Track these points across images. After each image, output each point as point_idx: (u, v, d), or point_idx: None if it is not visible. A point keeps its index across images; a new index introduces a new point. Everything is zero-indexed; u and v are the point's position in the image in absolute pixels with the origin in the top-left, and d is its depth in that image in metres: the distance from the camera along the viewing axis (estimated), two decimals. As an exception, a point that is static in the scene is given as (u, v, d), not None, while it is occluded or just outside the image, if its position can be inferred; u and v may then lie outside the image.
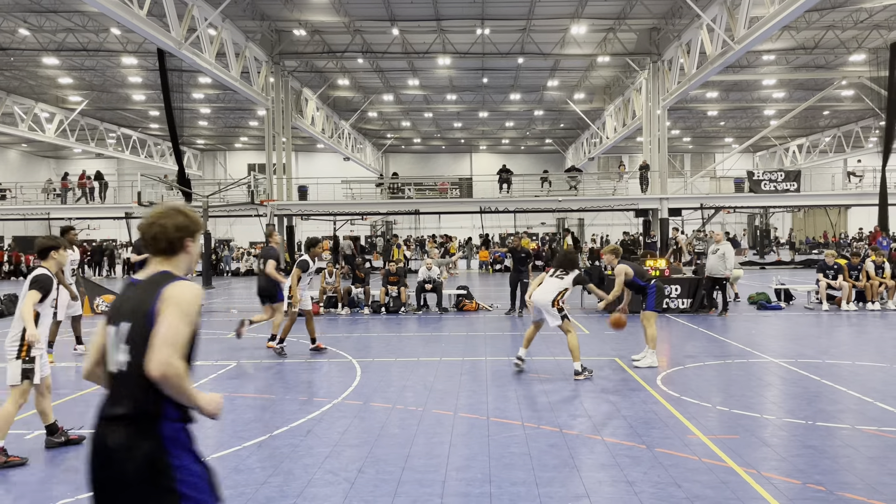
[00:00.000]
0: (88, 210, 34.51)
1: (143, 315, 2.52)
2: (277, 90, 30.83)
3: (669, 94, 28.58)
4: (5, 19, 25.85)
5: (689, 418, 6.59)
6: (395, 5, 25.68)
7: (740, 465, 5.27)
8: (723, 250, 14.53)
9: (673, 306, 14.97)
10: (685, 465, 5.32)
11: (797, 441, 5.91)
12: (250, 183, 30.16)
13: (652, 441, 5.91)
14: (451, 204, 34.07)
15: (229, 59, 25.07)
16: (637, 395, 7.57)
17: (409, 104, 42.09)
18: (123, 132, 44.64)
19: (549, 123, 48.39)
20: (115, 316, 2.62)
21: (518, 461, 5.44)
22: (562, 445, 5.84)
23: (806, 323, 13.73)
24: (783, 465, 5.31)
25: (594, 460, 5.48)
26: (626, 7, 26.13)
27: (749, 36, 19.88)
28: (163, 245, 2.67)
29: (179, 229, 2.68)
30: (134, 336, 2.53)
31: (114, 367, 2.59)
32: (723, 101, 40.74)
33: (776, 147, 50.88)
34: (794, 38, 28.60)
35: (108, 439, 2.50)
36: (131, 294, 2.63)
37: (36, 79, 34.32)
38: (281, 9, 26.16)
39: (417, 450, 5.75)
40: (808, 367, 8.97)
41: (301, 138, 44.81)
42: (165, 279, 2.60)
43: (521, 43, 29.63)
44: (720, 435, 6.08)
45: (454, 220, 43.90)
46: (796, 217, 53.38)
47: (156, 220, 2.68)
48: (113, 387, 2.59)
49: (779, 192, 30.86)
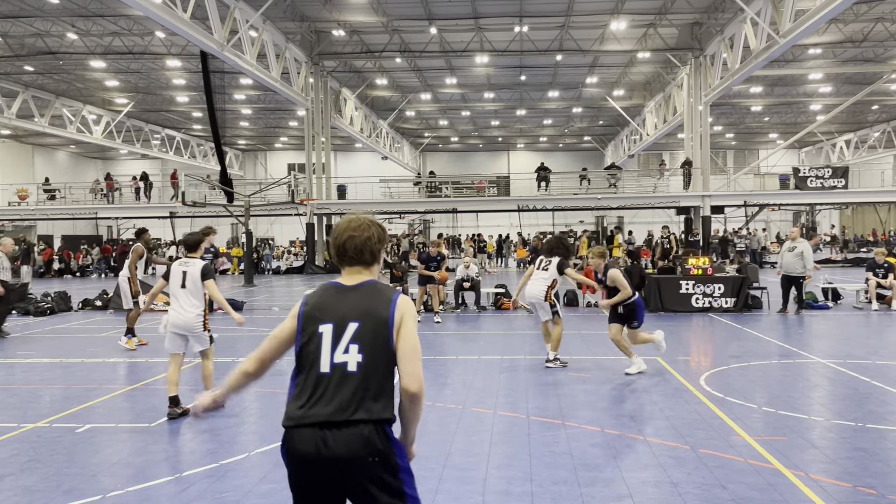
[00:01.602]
0: (134, 209, 35.34)
1: (381, 322, 2.59)
2: (317, 90, 31.15)
3: (712, 89, 28.09)
4: (54, 24, 26.61)
5: (734, 419, 6.47)
6: (433, 4, 25.74)
7: (788, 468, 5.15)
8: (800, 248, 13.97)
9: (716, 305, 14.71)
10: (730, 466, 5.22)
11: (847, 443, 5.76)
12: (290, 182, 30.53)
13: (696, 442, 5.81)
14: (488, 202, 34.03)
15: (270, 60, 25.42)
16: (680, 396, 7.45)
17: (446, 103, 42.14)
18: (167, 133, 45.63)
19: (587, 120, 47.97)
20: (334, 316, 2.62)
21: (559, 460, 5.40)
22: (603, 445, 5.78)
23: (855, 323, 13.37)
24: (832, 467, 5.18)
25: (637, 460, 5.42)
26: (667, 2, 25.76)
27: (795, 29, 19.44)
28: (367, 256, 2.74)
29: (381, 241, 2.79)
30: (366, 338, 2.57)
31: (327, 368, 2.55)
32: (767, 97, 39.89)
33: (823, 143, 49.64)
34: (841, 31, 27.86)
35: (335, 446, 2.46)
36: (352, 299, 2.65)
37: (84, 82, 35.25)
38: (320, 10, 26.42)
39: (458, 447, 5.76)
40: (857, 368, 8.73)
41: (340, 138, 45.24)
42: (386, 288, 2.71)
43: (559, 40, 29.43)
44: (766, 436, 5.96)
45: (491, 219, 43.81)
46: (844, 214, 52.00)
47: (360, 234, 2.73)
48: (328, 387, 2.54)
49: (826, 188, 30.10)
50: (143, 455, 5.69)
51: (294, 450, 2.52)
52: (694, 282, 14.79)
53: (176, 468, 5.35)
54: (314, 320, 2.63)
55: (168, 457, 5.67)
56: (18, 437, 6.21)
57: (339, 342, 2.57)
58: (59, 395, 7.99)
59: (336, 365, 2.55)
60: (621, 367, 8.98)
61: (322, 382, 2.54)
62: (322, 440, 2.47)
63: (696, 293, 14.77)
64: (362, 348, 2.55)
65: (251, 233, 26.86)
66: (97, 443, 6.04)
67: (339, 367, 2.54)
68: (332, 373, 2.54)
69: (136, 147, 43.28)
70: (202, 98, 30.84)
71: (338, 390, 2.52)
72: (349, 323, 2.59)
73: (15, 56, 29.94)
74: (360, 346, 2.55)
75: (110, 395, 7.89)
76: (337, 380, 2.53)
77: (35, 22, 26.45)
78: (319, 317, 2.63)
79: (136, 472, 5.28)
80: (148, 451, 5.81)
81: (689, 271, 14.95)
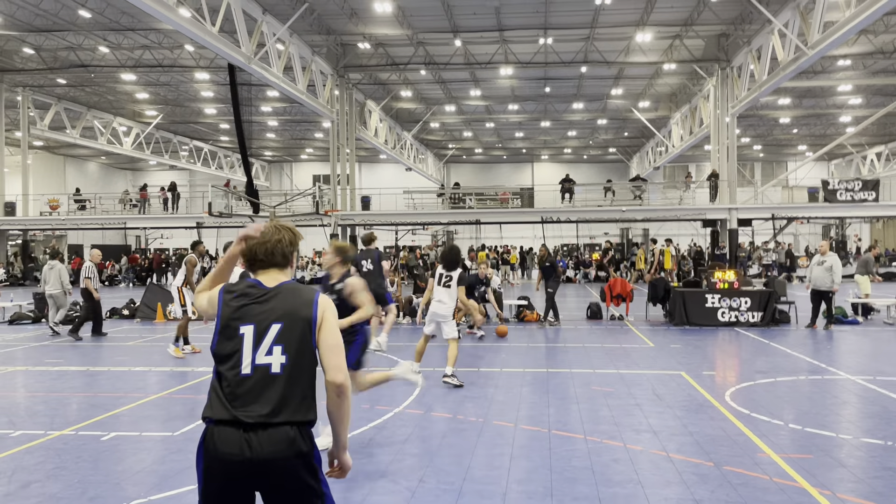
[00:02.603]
0: (162, 220, 35.84)
1: (303, 320, 2.64)
2: (342, 102, 31.41)
3: (739, 101, 27.83)
4: (86, 38, 27.20)
5: (760, 436, 6.37)
6: (458, 17, 25.86)
7: (814, 486, 5.05)
8: (830, 262, 13.79)
9: (742, 320, 14.52)
10: (755, 484, 5.13)
11: (876, 462, 5.64)
12: (315, 194, 30.76)
13: (720, 459, 5.73)
14: (511, 214, 33.96)
15: (296, 72, 25.70)
16: (704, 411, 7.36)
17: (470, 114, 42.23)
18: (195, 144, 46.30)
19: (612, 132, 47.76)
20: (256, 317, 2.64)
21: (581, 475, 5.35)
22: (626, 461, 5.72)
23: (885, 339, 13.11)
24: (860, 486, 5.07)
25: (659, 477, 5.35)
26: (693, 13, 25.62)
27: (823, 41, 19.21)
28: (279, 259, 2.82)
29: (292, 244, 2.88)
30: (290, 338, 2.61)
31: (249, 370, 2.57)
32: (795, 108, 39.41)
33: (853, 155, 48.85)
34: (871, 42, 27.48)
35: (257, 445, 2.48)
36: (272, 300, 2.68)
37: (114, 94, 35.94)
38: (346, 23, 26.68)
39: (478, 461, 5.73)
40: (887, 386, 8.55)
41: (364, 149, 45.52)
42: (306, 288, 2.77)
43: (584, 51, 29.38)
44: (793, 454, 5.85)
45: (515, 230, 43.72)
46: (875, 228, 51.08)
47: (269, 237, 2.82)
48: (252, 389, 2.54)
49: (856, 201, 29.59)
50: (166, 464, 5.74)
51: (215, 450, 2.52)
52: (720, 296, 14.61)
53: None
54: (234, 320, 2.65)
55: (191, 465, 5.70)
56: (45, 444, 6.30)
57: (260, 343, 2.59)
58: (85, 403, 8.10)
59: (258, 366, 2.57)
60: (645, 382, 8.89)
61: (244, 384, 2.56)
62: (246, 442, 2.49)
63: (723, 307, 14.59)
64: (286, 349, 2.59)
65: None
66: (122, 451, 6.11)
67: (262, 368, 2.57)
68: (253, 374, 2.57)
69: (165, 158, 43.95)
70: (229, 110, 31.28)
71: (262, 392, 2.54)
72: (272, 324, 2.62)
73: (48, 69, 30.64)
74: (283, 347, 2.59)
75: (135, 403, 7.99)
76: (260, 381, 2.56)
77: (68, 36, 27.05)
78: (240, 317, 2.65)
79: (159, 480, 5.33)
80: (171, 459, 5.86)
81: (714, 285, 14.77)
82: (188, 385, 9.06)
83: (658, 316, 16.28)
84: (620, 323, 15.51)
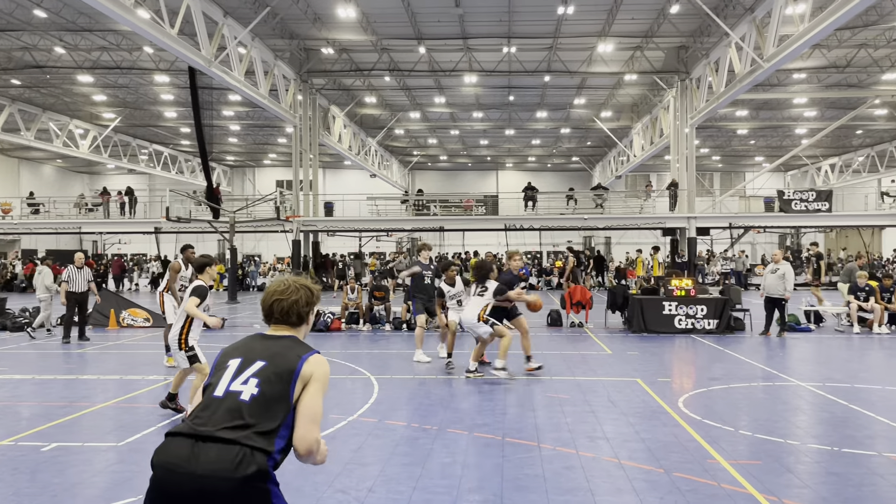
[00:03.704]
0: (119, 224, 35.10)
1: (287, 369, 2.63)
2: (305, 107, 31.18)
3: (698, 112, 28.32)
4: (42, 38, 26.54)
5: (711, 442, 6.42)
6: (422, 24, 25.88)
7: (762, 492, 5.10)
8: (783, 270, 14.13)
9: (698, 327, 14.71)
10: (704, 490, 5.17)
11: (822, 468, 5.73)
12: (276, 199, 30.45)
13: (671, 465, 5.76)
14: (475, 221, 34.03)
15: (258, 76, 25.42)
16: (658, 418, 7.40)
17: (435, 122, 42.27)
18: (155, 148, 45.47)
19: (575, 141, 48.23)
20: (245, 353, 2.72)
21: (532, 483, 5.33)
22: (578, 468, 5.72)
23: (836, 346, 13.40)
24: (806, 492, 5.14)
25: (610, 484, 5.35)
26: (654, 25, 26.02)
27: (778, 54, 19.65)
28: (293, 318, 2.84)
29: (309, 303, 2.87)
30: (268, 376, 2.61)
31: (221, 392, 2.61)
32: (752, 120, 40.26)
33: (807, 166, 50.07)
34: (825, 56, 28.22)
35: (203, 458, 2.44)
36: (268, 344, 2.75)
37: (71, 96, 35.13)
38: (309, 28, 26.50)
39: (430, 470, 5.67)
40: (836, 392, 8.72)
41: (328, 155, 45.22)
42: (305, 346, 2.76)
43: (547, 61, 29.63)
44: (742, 460, 5.91)
45: (479, 238, 43.81)
46: (828, 238, 52.38)
47: (286, 297, 2.83)
48: (217, 409, 2.57)
49: (810, 212, 30.31)
50: (108, 475, 5.57)
51: (162, 456, 2.50)
52: (677, 303, 14.79)
53: (139, 489, 5.21)
54: (227, 357, 2.74)
55: (133, 476, 5.54)
56: (-19, 455, 6.07)
57: (240, 374, 2.63)
58: (28, 412, 7.84)
59: (230, 392, 2.59)
60: (601, 389, 8.94)
61: (212, 404, 2.59)
62: (193, 452, 2.45)
63: (679, 314, 14.77)
64: (261, 384, 2.59)
65: (235, 249, 26.71)
66: (62, 462, 5.90)
67: (233, 394, 2.58)
68: (224, 397, 2.59)
69: (123, 162, 43.08)
70: (190, 114, 30.80)
71: (224, 413, 2.54)
72: (256, 361, 2.66)
73: (2, 69, 29.82)
74: (258, 382, 2.59)
75: (81, 412, 7.75)
76: (227, 404, 2.56)
77: (23, 36, 26.36)
78: (232, 354, 2.74)
79: (99, 492, 5.16)
80: (113, 470, 5.69)
81: (671, 292, 14.95)
82: (137, 394, 8.84)
83: (617, 323, 16.42)
84: (580, 330, 15.60)
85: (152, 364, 10.96)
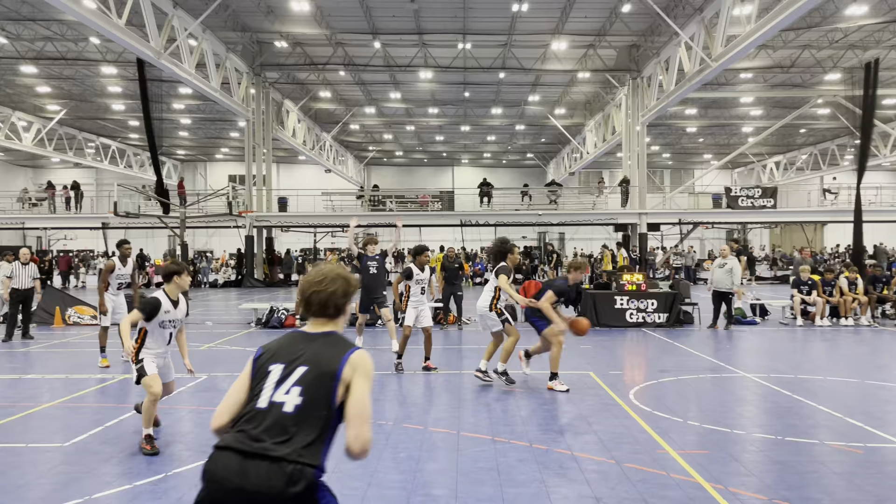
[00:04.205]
0: (64, 220, 34.10)
1: (328, 372, 2.57)
2: (258, 101, 30.76)
3: (648, 110, 28.84)
4: (-18, 27, 25.62)
5: (661, 433, 6.57)
6: (377, 19, 25.77)
7: (708, 481, 5.24)
8: (730, 265, 14.54)
9: (649, 320, 15.01)
10: (653, 480, 5.29)
11: (765, 456, 5.91)
12: (229, 194, 29.99)
13: (622, 456, 5.87)
14: (431, 217, 34.06)
15: (209, 69, 24.98)
16: (609, 410, 7.54)
17: (391, 117, 42.14)
18: (102, 142, 44.29)
19: (530, 138, 48.64)
20: (287, 357, 2.64)
21: (486, 476, 5.38)
22: (531, 461, 5.79)
23: (780, 338, 13.81)
24: (751, 480, 5.30)
25: (563, 476, 5.43)
26: (606, 24, 26.39)
27: (726, 54, 20.14)
28: (331, 311, 2.76)
29: (346, 295, 2.79)
30: (310, 382, 2.55)
31: (265, 404, 2.54)
32: (701, 118, 41.19)
33: (754, 164, 51.49)
34: (770, 56, 29.02)
35: (253, 476, 2.41)
36: (308, 345, 2.67)
37: (13, 87, 33.97)
38: (262, 20, 26.13)
39: (384, 465, 5.68)
40: (780, 383, 9.00)
41: (282, 150, 44.72)
42: (345, 342, 2.70)
43: (502, 58, 29.80)
44: (690, 450, 6.06)
45: (435, 234, 43.86)
46: (773, 233, 53.96)
47: (323, 288, 2.75)
48: (261, 422, 2.51)
49: (756, 208, 31.16)
50: (52, 476, 5.43)
51: (213, 472, 2.46)
52: (628, 297, 15.06)
53: (86, 490, 5.11)
54: (268, 361, 2.66)
55: (80, 477, 5.41)
56: (-82, 459, 5.85)
57: (283, 382, 2.57)
58: (-32, 413, 7.58)
59: (274, 403, 2.54)
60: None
61: (257, 417, 2.53)
62: (243, 469, 2.42)
63: (631, 308, 15.05)
64: (303, 393, 2.54)
65: (186, 245, 26.21)
66: (5, 463, 5.72)
67: (277, 405, 2.53)
68: (268, 409, 2.53)
69: (69, 155, 41.87)
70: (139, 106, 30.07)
71: (270, 427, 2.49)
72: (298, 366, 2.59)
73: (-62, 58, 28.70)
74: (301, 390, 2.54)
75: (25, 412, 7.53)
76: (271, 417, 2.51)
77: (-40, 24, 25.43)
78: (273, 358, 2.66)
79: (44, 494, 5.03)
80: (59, 472, 5.54)
81: (623, 287, 15.22)
82: (83, 393, 8.62)
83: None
84: (534, 325, 15.74)
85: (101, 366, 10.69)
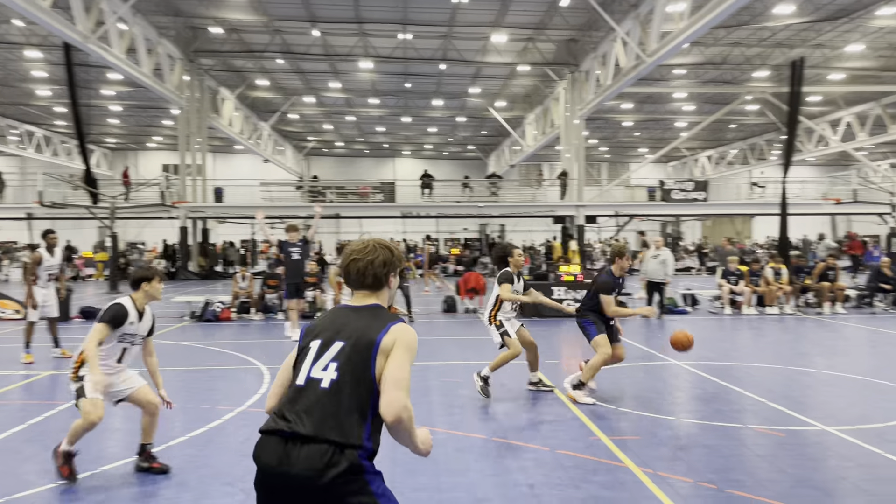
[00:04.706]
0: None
1: (366, 343, 2.51)
2: (192, 89, 29.96)
3: (586, 104, 29.30)
4: None
5: (594, 420, 6.72)
6: (315, 6, 25.37)
7: (638, 465, 5.39)
8: (664, 256, 15.11)
9: (586, 311, 15.28)
10: (585, 466, 5.41)
11: (693, 440, 6.11)
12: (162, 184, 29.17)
13: (556, 443, 5.98)
14: (372, 208, 33.87)
15: (140, 55, 24.16)
16: (545, 399, 7.67)
17: (330, 107, 41.64)
18: (27, 129, 42.36)
19: (471, 130, 48.81)
20: (328, 332, 2.61)
21: (422, 467, 5.39)
22: (468, 449, 5.84)
23: (709, 327, 14.28)
24: (678, 464, 5.47)
25: (498, 464, 5.50)
26: (545, 18, 26.65)
27: (660, 50, 20.62)
28: (369, 280, 2.70)
29: (387, 264, 2.72)
30: (349, 355, 2.51)
31: (303, 381, 2.53)
32: (637, 113, 42.07)
33: (687, 158, 52.94)
34: (703, 53, 29.84)
35: (294, 458, 2.40)
36: (350, 318, 2.64)
37: (-73, 69, 32.19)
38: (196, 5, 25.42)
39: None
40: (708, 370, 9.31)
41: (218, 139, 43.62)
42: (388, 315, 2.66)
43: (443, 49, 29.77)
44: (622, 436, 6.22)
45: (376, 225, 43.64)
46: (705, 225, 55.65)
47: (363, 257, 2.70)
48: (300, 401, 2.49)
49: (688, 201, 32.08)
50: (-30, 478, 5.20)
51: (259, 458, 2.50)
52: (565, 288, 15.32)
53: (5, 490, 4.91)
54: (310, 336, 2.64)
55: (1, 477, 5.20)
56: None
57: (320, 357, 2.55)
58: None
59: (311, 379, 2.52)
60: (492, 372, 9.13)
61: (298, 396, 2.52)
62: (285, 453, 2.42)
63: (568, 299, 15.30)
64: (340, 367, 2.51)
65: (116, 236, 25.38)
66: (-82, 466, 5.46)
67: (314, 381, 2.51)
68: (306, 387, 2.52)
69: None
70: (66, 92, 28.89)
71: (308, 406, 2.48)
72: (336, 341, 2.57)
73: None
74: (338, 365, 2.51)
75: (-60, 412, 7.18)
76: (310, 394, 2.50)
77: None
78: (315, 333, 2.64)
79: (-40, 496, 4.81)
80: (-23, 473, 5.31)
81: (560, 278, 15.46)
82: (7, 390, 8.27)
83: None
84: (474, 316, 15.88)
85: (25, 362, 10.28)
